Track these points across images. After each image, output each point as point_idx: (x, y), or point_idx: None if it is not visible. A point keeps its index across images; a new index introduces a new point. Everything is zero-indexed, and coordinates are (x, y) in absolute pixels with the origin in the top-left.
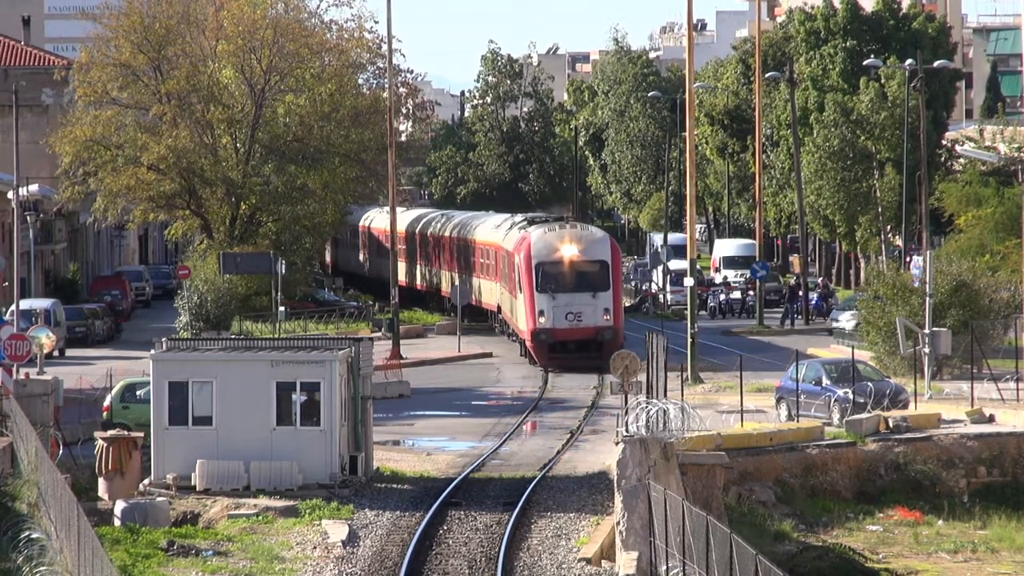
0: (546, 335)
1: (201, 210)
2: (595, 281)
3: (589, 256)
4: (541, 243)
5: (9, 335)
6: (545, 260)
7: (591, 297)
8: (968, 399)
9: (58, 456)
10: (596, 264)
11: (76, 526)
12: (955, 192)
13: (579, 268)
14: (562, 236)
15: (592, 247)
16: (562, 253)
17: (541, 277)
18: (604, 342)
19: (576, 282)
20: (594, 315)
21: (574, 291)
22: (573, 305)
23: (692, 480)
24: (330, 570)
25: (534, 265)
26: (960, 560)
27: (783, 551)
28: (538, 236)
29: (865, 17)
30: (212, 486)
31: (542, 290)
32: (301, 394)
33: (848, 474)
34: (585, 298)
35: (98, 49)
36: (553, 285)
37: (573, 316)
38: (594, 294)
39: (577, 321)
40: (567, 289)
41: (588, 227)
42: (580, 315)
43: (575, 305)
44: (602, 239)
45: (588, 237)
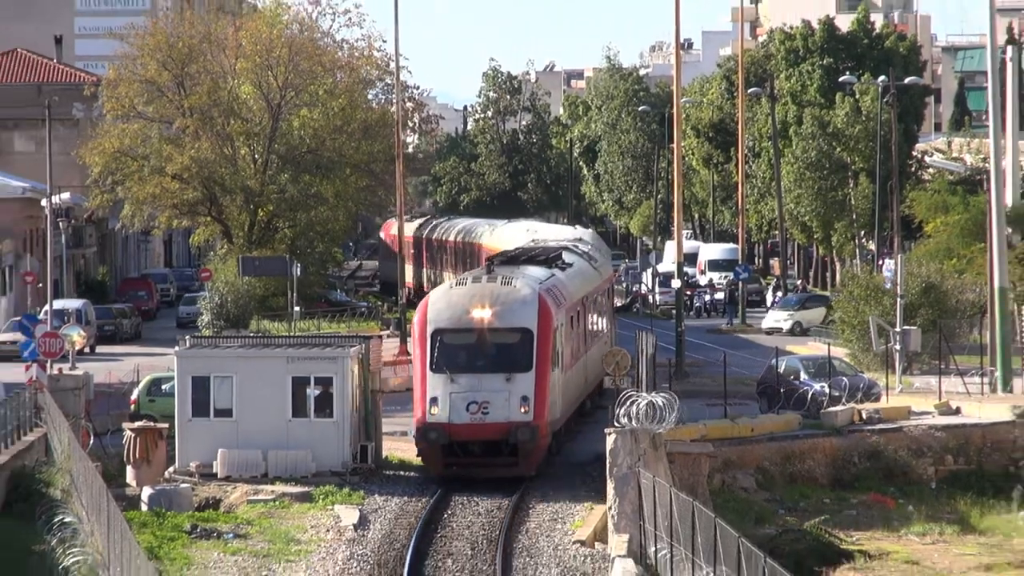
0: (438, 433)
1: (222, 217)
2: (512, 358)
3: (505, 323)
4: (443, 302)
5: (43, 333)
6: (446, 327)
7: (504, 381)
8: (936, 393)
9: (89, 445)
10: (515, 334)
11: (106, 511)
12: (924, 200)
13: (492, 340)
14: (472, 294)
15: (511, 310)
16: (471, 318)
17: (439, 351)
18: (519, 444)
19: (486, 359)
20: (506, 406)
21: (482, 371)
22: (479, 391)
23: (679, 468)
24: (342, 551)
25: (430, 333)
26: (928, 542)
27: (764, 534)
28: (441, 293)
29: (841, 37)
30: (232, 473)
31: (438, 369)
32: (315, 388)
33: (824, 462)
34: (496, 382)
35: (125, 67)
36: (454, 363)
37: (477, 407)
38: (509, 377)
39: (482, 414)
40: (473, 368)
41: (513, 281)
42: (487, 405)
43: (482, 391)
44: (527, 299)
45: (508, 296)
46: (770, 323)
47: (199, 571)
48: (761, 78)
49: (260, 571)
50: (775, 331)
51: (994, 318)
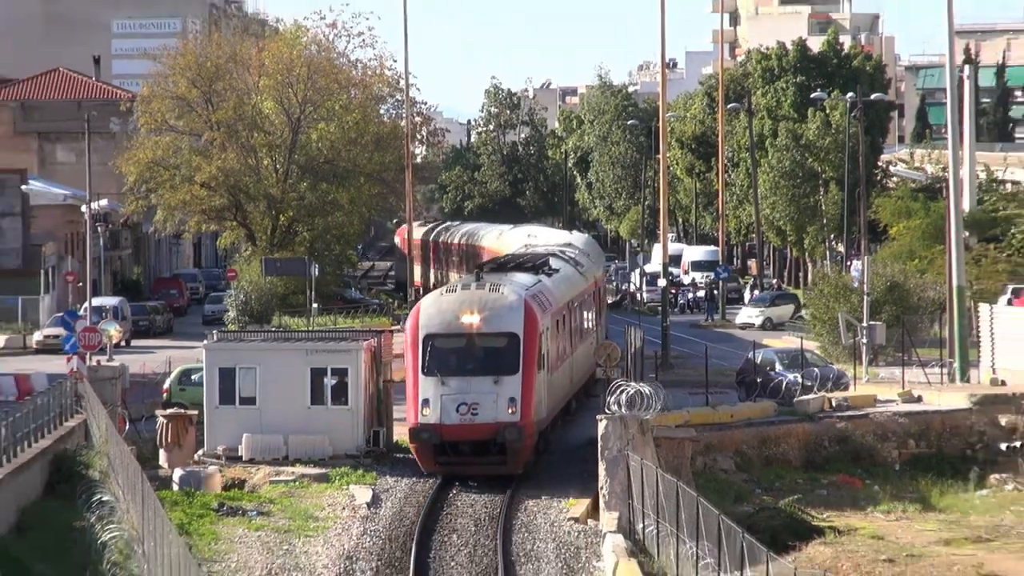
0: (429, 434)
1: (246, 221)
2: (500, 362)
3: (493, 328)
4: (434, 308)
5: (83, 328)
6: (437, 332)
7: (493, 383)
8: (900, 382)
9: (125, 431)
10: (503, 338)
11: (140, 490)
12: (889, 206)
13: (480, 344)
14: (462, 301)
15: (498, 316)
16: (461, 323)
17: (430, 355)
18: (507, 443)
19: (475, 362)
20: (495, 407)
21: (472, 374)
22: (468, 393)
23: (664, 451)
24: (357, 528)
25: (422, 338)
26: (892, 519)
27: (742, 511)
28: (432, 299)
29: (812, 57)
30: (256, 456)
31: (429, 372)
32: (332, 378)
33: (797, 446)
34: (485, 384)
35: (158, 84)
36: (445, 366)
37: (467, 408)
38: (497, 379)
39: (472, 415)
40: (463, 371)
41: (501, 287)
42: (476, 407)
43: (471, 393)
44: (514, 305)
45: (496, 302)
46: (743, 319)
47: (226, 546)
48: (739, 94)
49: (281, 546)
50: (748, 326)
51: (952, 314)
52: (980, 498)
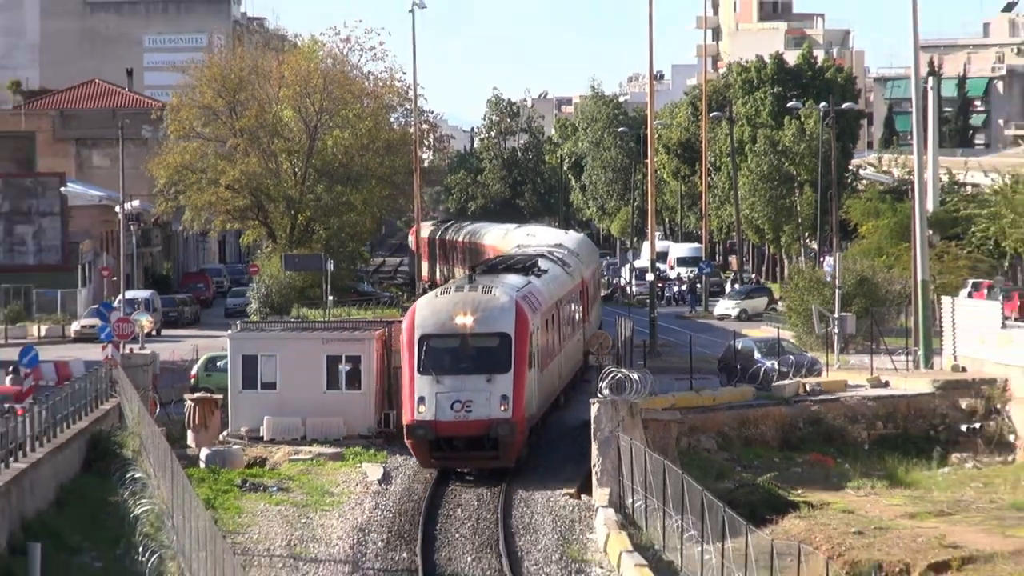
0: (425, 430)
1: (267, 221)
2: (492, 361)
3: (486, 328)
4: (429, 310)
5: (117, 318)
6: (432, 332)
7: (485, 381)
8: (868, 369)
9: (156, 413)
10: (495, 338)
11: (170, 468)
12: (859, 206)
13: (473, 344)
14: (455, 302)
15: (491, 317)
16: (455, 324)
17: (425, 354)
18: (499, 439)
19: (469, 362)
20: (488, 404)
21: (466, 373)
22: (463, 391)
23: (652, 432)
24: (369, 502)
25: (417, 338)
26: (862, 495)
27: (723, 487)
28: (427, 301)
29: (788, 69)
30: (276, 437)
31: (425, 371)
32: (346, 364)
33: (774, 427)
34: (478, 382)
35: (186, 94)
36: (439, 365)
37: (461, 405)
38: (490, 377)
39: (466, 412)
40: (457, 370)
41: (493, 289)
42: (470, 404)
43: (465, 391)
44: (505, 306)
45: (488, 304)
46: (721, 310)
47: (248, 519)
48: (721, 104)
49: (300, 519)
50: (725, 317)
51: (917, 306)
52: (942, 475)
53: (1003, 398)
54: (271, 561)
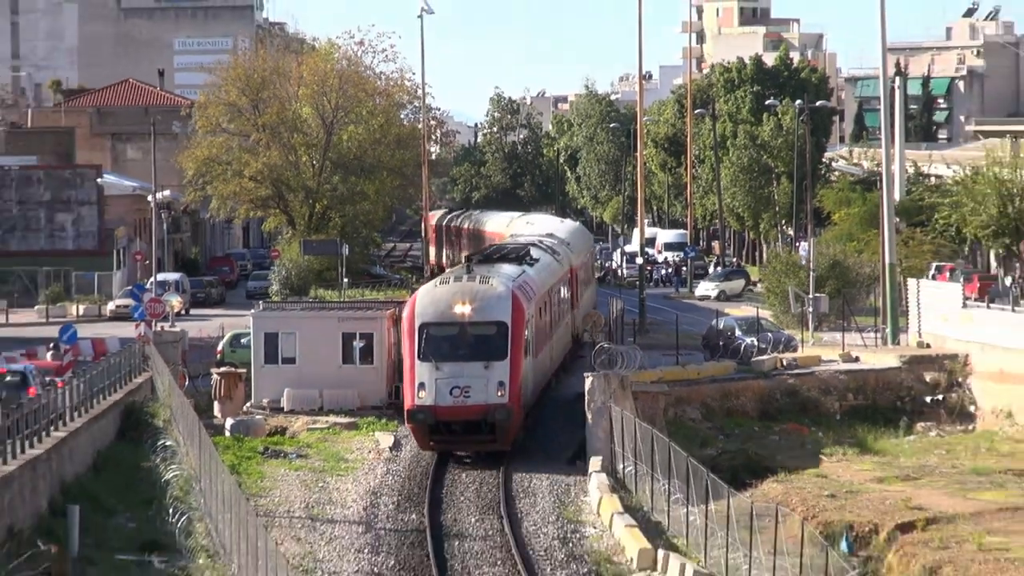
0: (425, 414)
1: (287, 209)
2: (489, 348)
3: (483, 317)
4: (429, 299)
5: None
6: (432, 321)
7: (483, 368)
8: (840, 345)
9: (185, 386)
10: (492, 327)
11: (198, 436)
12: (831, 196)
13: (472, 332)
14: (454, 292)
15: (488, 306)
16: (453, 313)
17: (425, 342)
18: (496, 423)
19: (467, 349)
20: (485, 390)
21: (464, 360)
22: (461, 377)
23: (641, 403)
24: (381, 468)
25: (418, 327)
26: (834, 461)
27: (707, 454)
28: (427, 290)
29: (767, 69)
30: (296, 407)
31: (425, 358)
32: (360, 341)
33: (754, 399)
34: (476, 368)
35: (213, 93)
36: (439, 352)
37: (460, 391)
38: (487, 364)
39: (464, 397)
40: (456, 357)
41: (490, 279)
42: (468, 389)
43: (463, 377)
44: (502, 295)
45: (486, 293)
46: (702, 291)
47: (270, 483)
48: (705, 102)
49: (317, 483)
50: (706, 297)
51: (885, 287)
52: (908, 443)
53: (964, 372)
54: (291, 522)
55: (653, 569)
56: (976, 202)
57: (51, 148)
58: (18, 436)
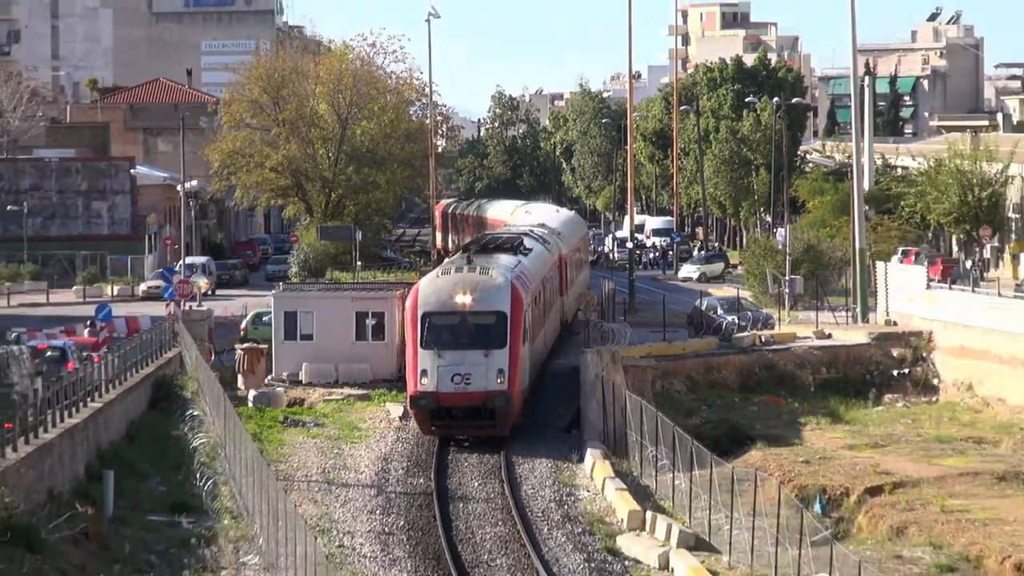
0: (427, 400)
1: (305, 197)
2: (489, 337)
3: (483, 307)
4: (431, 289)
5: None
6: (434, 310)
7: (483, 356)
8: (814, 323)
9: (211, 361)
10: (492, 316)
11: (223, 407)
12: (806, 186)
13: (472, 321)
14: (455, 282)
15: (488, 295)
16: (455, 302)
17: (427, 330)
18: (496, 409)
19: (468, 337)
20: (485, 377)
21: (465, 348)
22: (462, 365)
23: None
24: (391, 436)
25: (420, 316)
26: (809, 430)
27: (691, 423)
28: (429, 280)
29: (747, 69)
30: (313, 380)
31: (427, 346)
32: (372, 319)
33: (735, 372)
34: (476, 356)
35: (237, 91)
36: (441, 340)
37: (461, 378)
38: (487, 352)
39: (465, 384)
40: (457, 345)
41: (490, 270)
42: (469, 377)
43: (464, 365)
44: (501, 286)
45: (486, 284)
46: (684, 274)
47: (289, 450)
48: (689, 99)
49: (332, 450)
50: (688, 279)
51: (855, 270)
52: (876, 413)
53: (928, 348)
54: (308, 485)
55: (642, 529)
56: (939, 191)
57: (88, 142)
58: (58, 406)
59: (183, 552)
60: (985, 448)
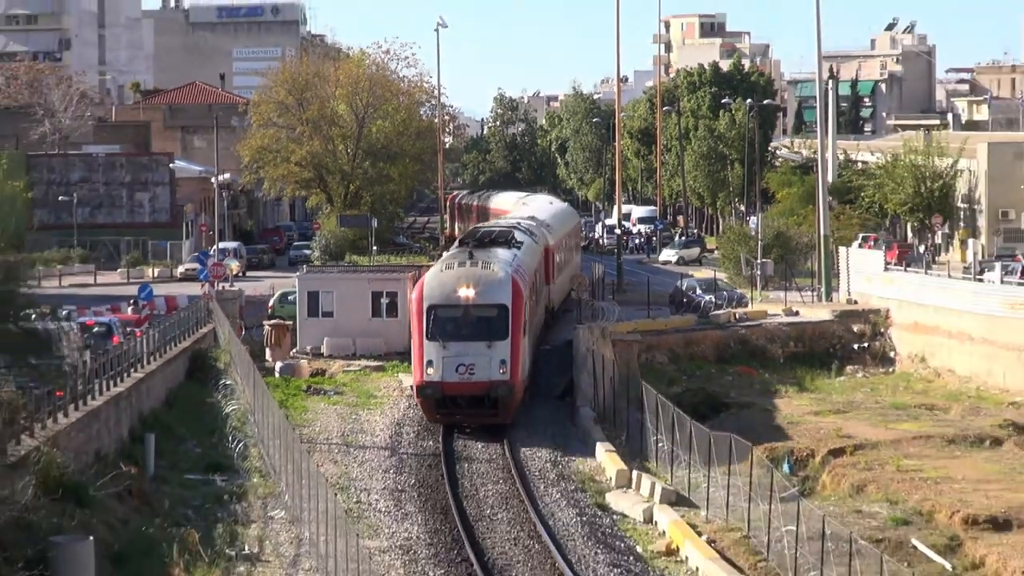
0: (433, 389)
1: (326, 189)
2: (492, 328)
3: (486, 300)
4: (435, 282)
5: (212, 263)
6: (439, 303)
7: (486, 347)
8: (783, 302)
9: (242, 336)
10: (494, 309)
11: (252, 377)
12: (776, 179)
13: (475, 313)
14: (459, 276)
15: (490, 289)
16: (458, 295)
17: (433, 323)
18: (498, 398)
19: (471, 329)
20: (488, 368)
21: (468, 339)
22: (466, 356)
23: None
24: (403, 403)
25: (426, 308)
26: (778, 398)
27: (673, 391)
28: (433, 275)
29: (723, 74)
30: (333, 353)
31: (433, 338)
32: (386, 298)
33: (712, 346)
34: (479, 348)
35: (265, 93)
36: (445, 332)
37: (465, 368)
38: (490, 343)
39: (469, 374)
40: (461, 337)
41: (491, 265)
42: (473, 367)
43: (468, 356)
44: (503, 280)
45: (488, 278)
46: (664, 257)
47: (312, 415)
48: (671, 100)
49: (351, 415)
50: (667, 262)
51: (820, 254)
52: (839, 383)
53: (885, 324)
54: (329, 447)
55: (629, 487)
56: (895, 183)
57: (131, 139)
58: (104, 377)
59: (217, 507)
60: (936, 414)
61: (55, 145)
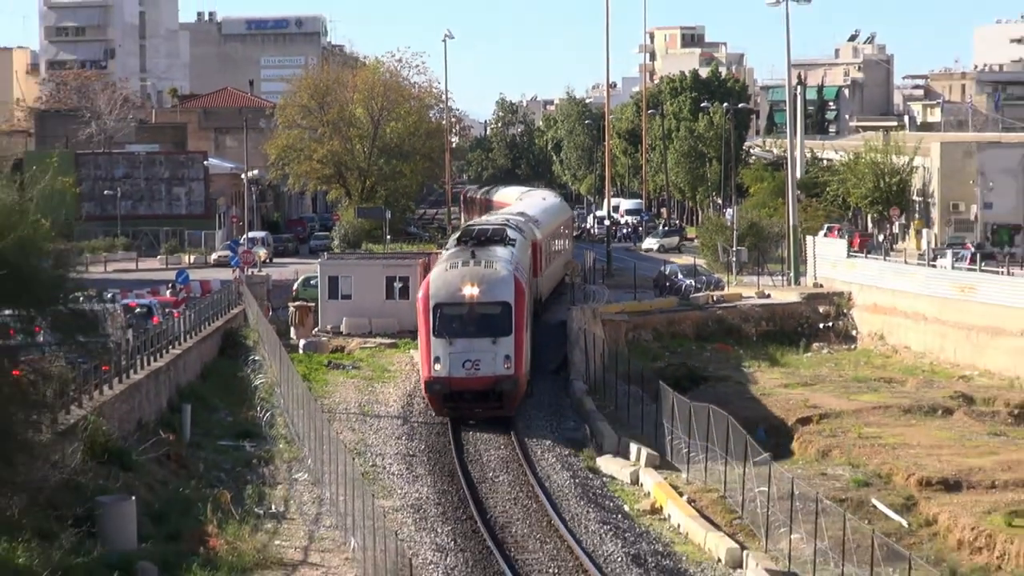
0: (441, 385)
1: (345, 184)
2: (496, 325)
3: (490, 297)
4: (441, 281)
5: (242, 251)
6: (444, 301)
7: (491, 343)
8: (756, 285)
9: (269, 316)
10: (498, 306)
11: (278, 354)
12: (750, 175)
13: (480, 311)
14: (463, 275)
15: (493, 287)
16: (463, 294)
17: (439, 320)
18: (503, 392)
19: (476, 326)
20: (493, 363)
21: (473, 336)
22: (471, 352)
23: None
24: (414, 377)
25: (432, 307)
26: (751, 371)
27: (657, 366)
28: (438, 274)
29: (702, 80)
30: (351, 332)
31: (439, 334)
32: (399, 282)
33: (692, 325)
34: (484, 344)
35: (289, 97)
36: (451, 329)
37: (471, 364)
38: (494, 340)
39: (475, 369)
40: (466, 334)
41: (494, 264)
42: (478, 363)
43: (473, 352)
44: (505, 278)
45: (490, 276)
46: (646, 246)
47: (332, 388)
48: (655, 104)
49: (367, 388)
50: (649, 250)
51: (790, 242)
52: (806, 358)
53: (848, 305)
54: (348, 416)
55: (616, 452)
56: (857, 179)
57: (169, 139)
58: (145, 353)
59: (247, 470)
60: (894, 386)
61: (101, 144)
